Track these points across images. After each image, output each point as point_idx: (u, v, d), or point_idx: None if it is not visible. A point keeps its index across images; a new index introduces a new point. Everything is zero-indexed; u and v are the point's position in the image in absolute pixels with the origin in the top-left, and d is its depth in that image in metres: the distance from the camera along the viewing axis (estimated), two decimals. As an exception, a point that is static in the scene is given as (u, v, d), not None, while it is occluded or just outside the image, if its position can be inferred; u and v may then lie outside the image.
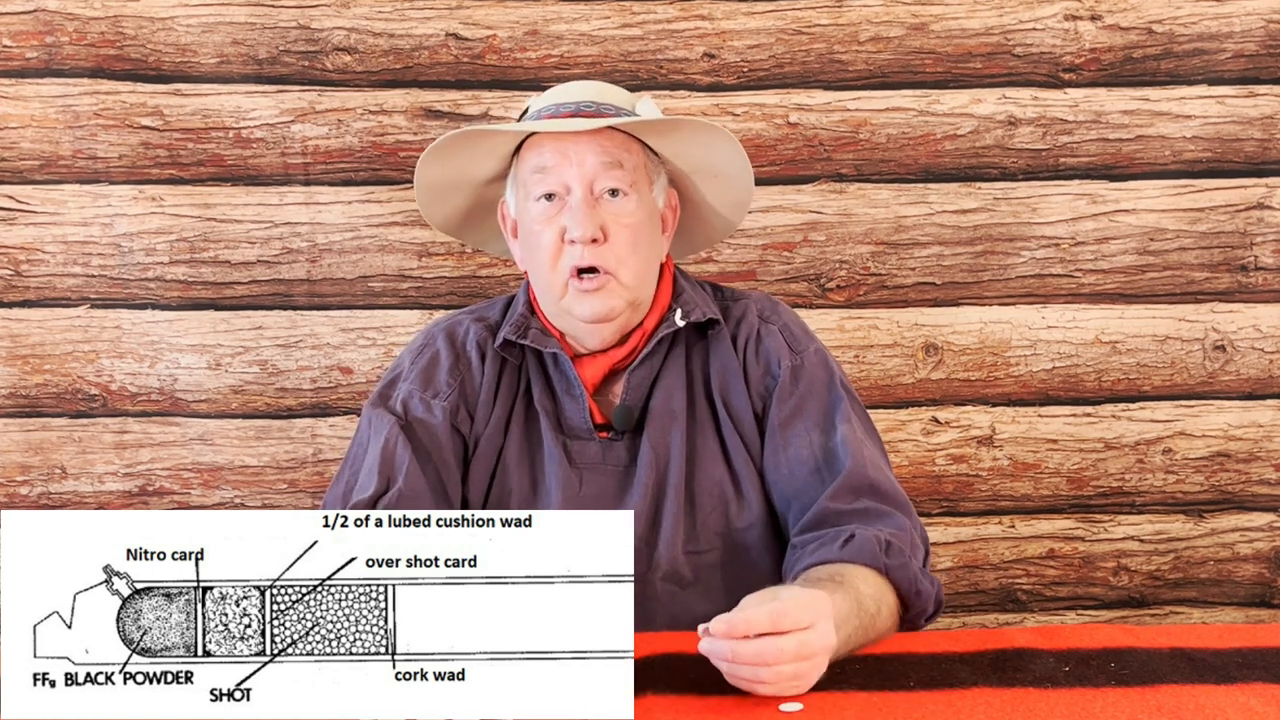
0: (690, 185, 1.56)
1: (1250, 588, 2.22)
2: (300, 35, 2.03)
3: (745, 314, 1.53)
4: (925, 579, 1.33)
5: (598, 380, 1.48)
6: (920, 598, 1.32)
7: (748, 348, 1.50)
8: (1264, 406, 2.17)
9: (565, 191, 1.43)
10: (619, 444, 1.46)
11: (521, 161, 1.47)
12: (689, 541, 1.43)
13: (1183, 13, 2.06)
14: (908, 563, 1.32)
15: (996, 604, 2.21)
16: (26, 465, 2.13)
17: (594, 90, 1.51)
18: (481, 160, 1.51)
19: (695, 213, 1.60)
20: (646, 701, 1.08)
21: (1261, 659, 1.18)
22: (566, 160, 1.42)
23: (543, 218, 1.43)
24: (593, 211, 1.41)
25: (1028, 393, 2.16)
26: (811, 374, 1.48)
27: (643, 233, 1.45)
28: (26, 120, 2.04)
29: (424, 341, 1.55)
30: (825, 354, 1.52)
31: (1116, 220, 2.12)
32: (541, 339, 1.48)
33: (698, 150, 1.50)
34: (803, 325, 1.55)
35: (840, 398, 1.47)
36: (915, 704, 1.09)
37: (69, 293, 2.09)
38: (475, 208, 1.59)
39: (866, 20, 2.06)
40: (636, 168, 1.45)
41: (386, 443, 1.43)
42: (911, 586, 1.31)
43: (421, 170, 1.51)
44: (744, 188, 1.55)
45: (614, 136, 1.44)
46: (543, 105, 1.49)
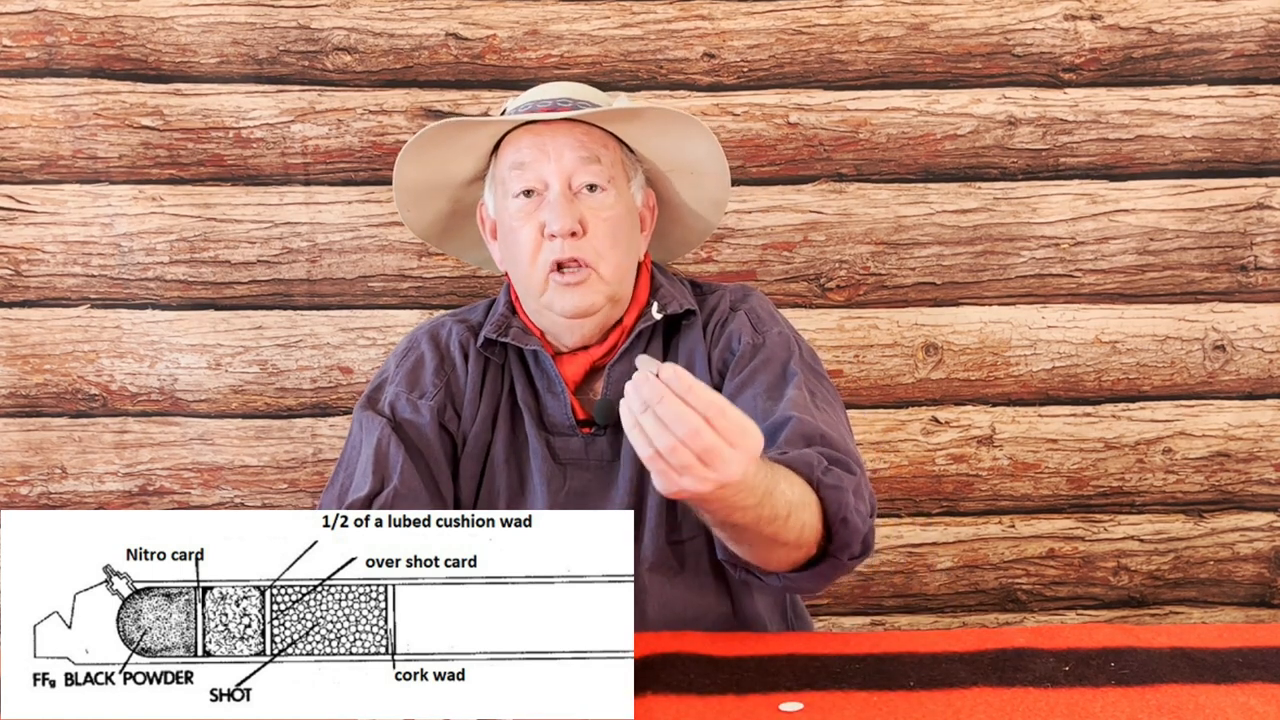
0: (667, 186, 1.57)
1: (1250, 588, 2.22)
2: (300, 35, 2.03)
3: (719, 303, 1.53)
4: (857, 516, 1.27)
5: (579, 377, 1.48)
6: (846, 527, 1.26)
7: (713, 331, 1.49)
8: (1264, 406, 2.17)
9: (543, 188, 1.43)
10: (601, 439, 1.47)
11: (499, 159, 1.48)
12: (672, 531, 1.44)
13: (1183, 13, 2.06)
14: (843, 489, 1.26)
15: (996, 604, 2.21)
16: (26, 465, 2.13)
17: (570, 88, 1.53)
18: (459, 158, 1.51)
19: (673, 215, 1.60)
20: (646, 701, 1.08)
21: (1261, 659, 1.18)
22: (544, 155, 1.43)
23: (521, 214, 1.44)
24: (571, 205, 1.42)
25: (1028, 393, 2.16)
26: (771, 351, 1.45)
27: (621, 227, 1.45)
28: (26, 120, 2.04)
29: (408, 345, 1.56)
30: (790, 336, 1.49)
31: (1116, 220, 2.12)
32: (522, 337, 1.49)
33: (673, 146, 1.50)
34: (772, 311, 1.53)
35: (794, 373, 1.42)
36: (915, 704, 1.09)
37: (69, 293, 2.09)
38: (455, 213, 1.60)
39: (866, 20, 2.06)
40: (614, 163, 1.46)
41: (379, 443, 1.44)
42: (839, 512, 1.25)
43: (400, 170, 1.51)
44: (721, 186, 1.55)
45: (591, 132, 1.45)
46: (519, 104, 1.51)
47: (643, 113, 1.47)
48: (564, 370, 1.48)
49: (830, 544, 1.28)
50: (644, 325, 1.49)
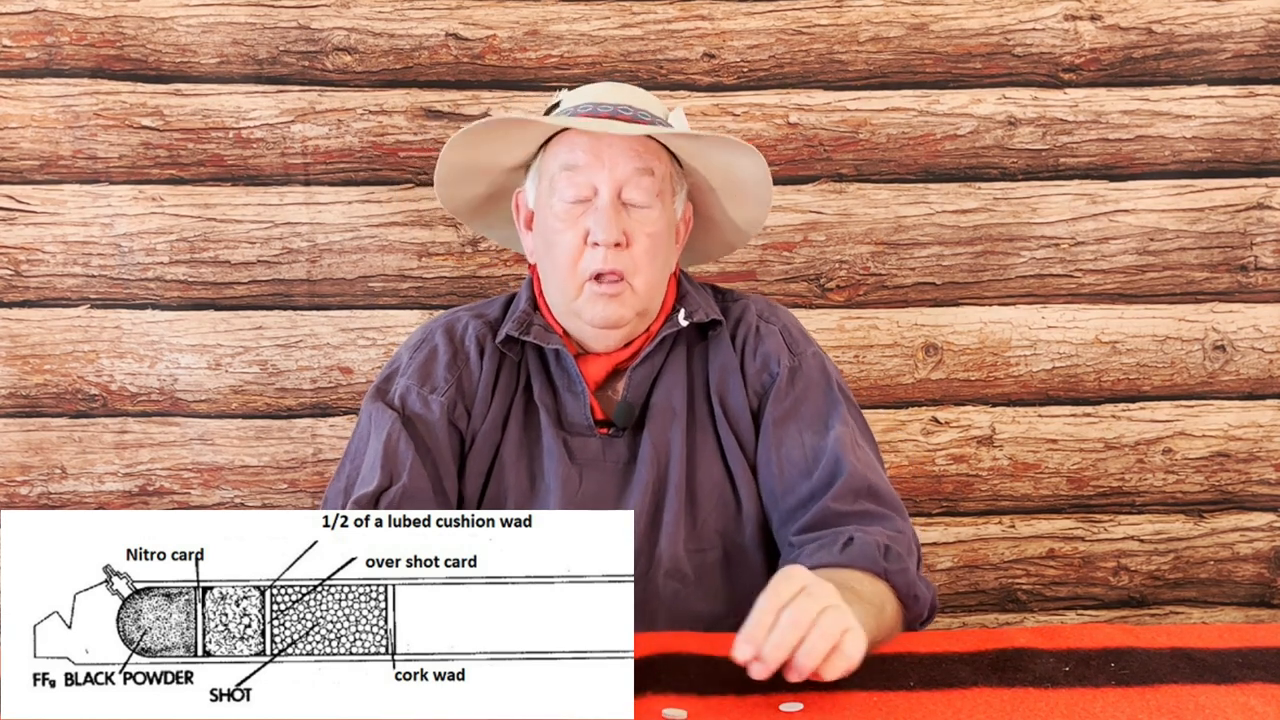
0: (708, 200, 1.57)
1: (1250, 588, 2.22)
2: (300, 35, 2.03)
3: (744, 314, 1.53)
4: (922, 583, 1.32)
5: (600, 378, 1.48)
6: (918, 603, 1.31)
7: (745, 346, 1.50)
8: (1264, 406, 2.17)
9: (592, 194, 1.42)
10: (619, 441, 1.46)
11: (549, 154, 1.47)
12: (690, 540, 1.43)
13: (1183, 13, 2.06)
14: (907, 567, 1.31)
15: (996, 604, 2.21)
16: (26, 465, 2.13)
17: (630, 94, 1.51)
18: (510, 149, 1.50)
19: (707, 227, 1.60)
20: (646, 701, 1.08)
21: (1261, 659, 1.18)
22: (599, 162, 1.41)
23: (566, 217, 1.43)
24: (618, 216, 1.41)
25: (1028, 393, 2.16)
26: (809, 376, 1.48)
27: (661, 242, 1.45)
28: (26, 120, 2.04)
29: (422, 336, 1.55)
30: (823, 357, 1.52)
31: (1116, 220, 2.12)
32: (544, 335, 1.47)
33: (724, 165, 1.50)
34: (801, 328, 1.56)
35: (837, 401, 1.47)
36: (915, 704, 1.09)
37: (69, 293, 2.09)
38: (492, 196, 1.59)
39: (866, 20, 2.06)
40: (664, 177, 1.45)
41: (389, 438, 1.43)
42: (910, 591, 1.29)
43: (448, 153, 1.50)
44: (764, 204, 1.56)
45: (647, 144, 1.44)
46: (579, 102, 1.49)
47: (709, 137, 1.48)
48: (585, 370, 1.47)
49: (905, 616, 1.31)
50: (669, 330, 1.48)
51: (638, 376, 1.47)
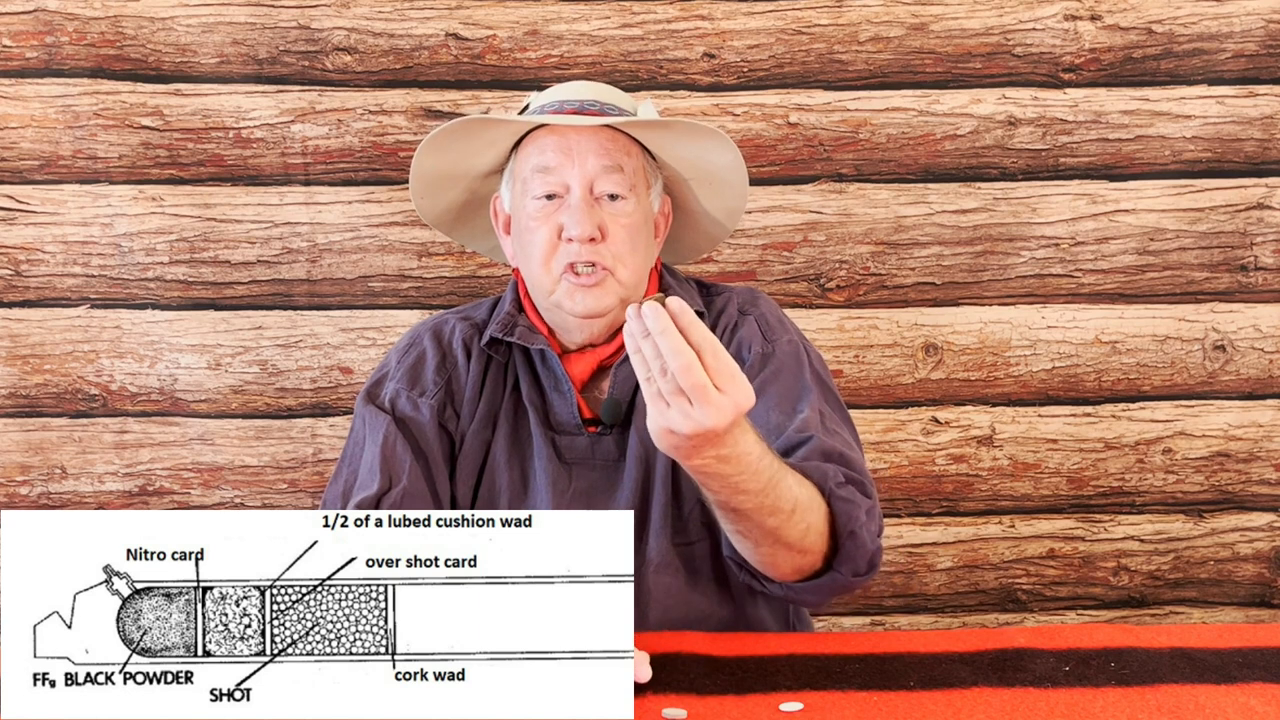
0: (684, 192, 1.57)
1: (1250, 588, 2.22)
2: (300, 35, 2.03)
3: (727, 306, 1.53)
4: (867, 533, 1.28)
5: (585, 377, 1.48)
6: (854, 541, 1.28)
7: (723, 336, 1.49)
8: (1264, 406, 2.17)
9: (565, 191, 1.43)
10: (607, 438, 1.46)
11: (521, 157, 1.48)
12: (677, 534, 1.43)
13: (1183, 13, 2.06)
14: (855, 505, 1.28)
15: (996, 604, 2.21)
16: (26, 465, 2.13)
17: (597, 90, 1.52)
18: (480, 152, 1.51)
19: (688, 220, 1.60)
20: (646, 701, 1.08)
21: (1261, 659, 1.18)
22: (568, 159, 1.42)
23: (540, 214, 1.43)
24: (591, 211, 1.41)
25: (1028, 393, 2.16)
26: (780, 362, 1.45)
27: (639, 233, 1.45)
28: (26, 120, 2.04)
29: (410, 340, 1.55)
30: (801, 346, 1.49)
31: (1116, 220, 2.12)
32: (529, 336, 1.48)
33: (696, 155, 1.50)
34: (781, 317, 1.53)
35: (809, 388, 1.43)
36: (915, 704, 1.09)
37: (69, 293, 2.09)
38: (468, 204, 1.59)
39: (866, 20, 2.06)
40: (636, 171, 1.45)
41: (385, 440, 1.43)
42: (848, 525, 1.27)
43: (419, 160, 1.50)
44: (740, 195, 1.55)
45: (616, 138, 1.44)
46: (545, 101, 1.50)
47: (668, 122, 1.47)
48: (570, 369, 1.48)
49: (836, 558, 1.29)
50: None
51: (622, 373, 1.47)
